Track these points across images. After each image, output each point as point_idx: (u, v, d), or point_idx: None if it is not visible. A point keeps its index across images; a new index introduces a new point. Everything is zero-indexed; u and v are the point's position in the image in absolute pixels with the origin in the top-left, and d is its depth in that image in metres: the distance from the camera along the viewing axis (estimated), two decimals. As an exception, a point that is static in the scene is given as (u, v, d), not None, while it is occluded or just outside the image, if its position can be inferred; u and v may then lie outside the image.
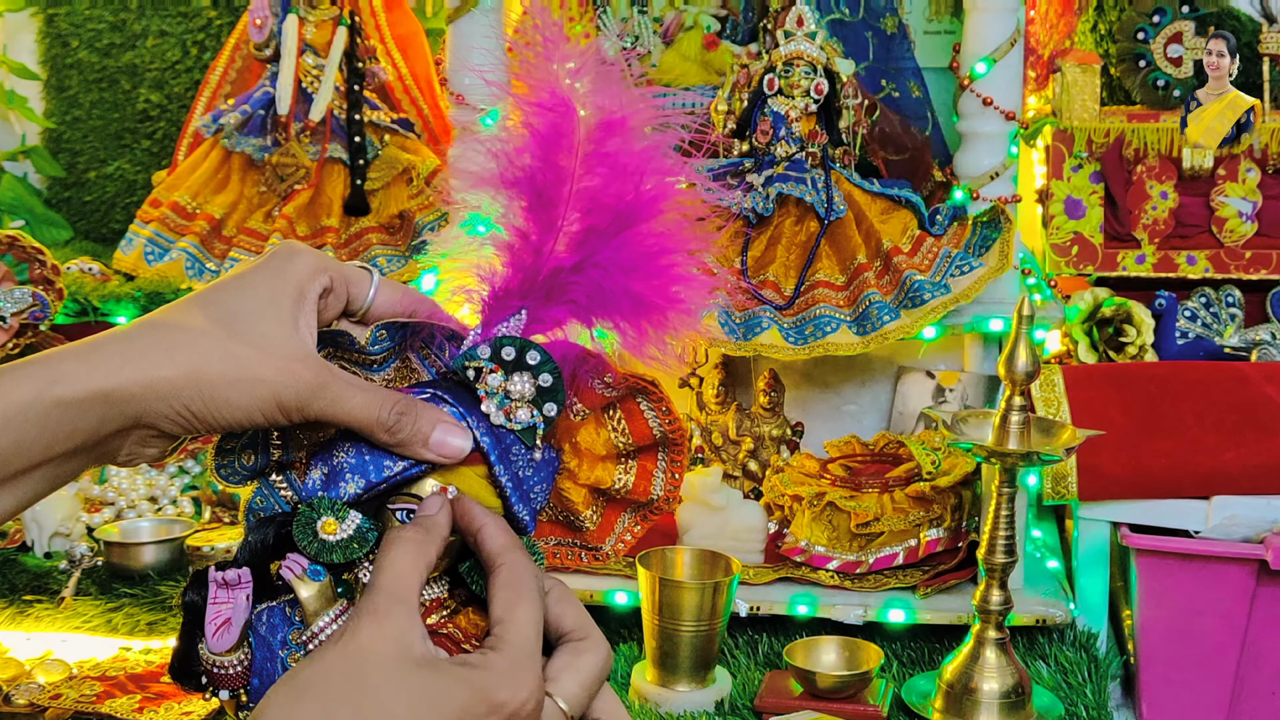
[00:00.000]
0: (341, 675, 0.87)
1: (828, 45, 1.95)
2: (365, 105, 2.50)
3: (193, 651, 1.07)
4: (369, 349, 1.01)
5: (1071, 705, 1.67)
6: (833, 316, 1.86)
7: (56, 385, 0.87)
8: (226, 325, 0.92)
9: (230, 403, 0.91)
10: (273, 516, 1.07)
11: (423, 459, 0.99)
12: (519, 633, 0.91)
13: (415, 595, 0.92)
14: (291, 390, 0.92)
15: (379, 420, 0.95)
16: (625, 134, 0.96)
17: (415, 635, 0.90)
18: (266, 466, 1.05)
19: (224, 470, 1.04)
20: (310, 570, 1.05)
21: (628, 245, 0.96)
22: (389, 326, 1.02)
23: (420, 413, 0.97)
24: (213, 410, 0.91)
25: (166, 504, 2.21)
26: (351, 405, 0.95)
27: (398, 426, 0.96)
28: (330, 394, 0.94)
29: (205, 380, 0.90)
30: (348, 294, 1.01)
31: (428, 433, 0.97)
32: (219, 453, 1.03)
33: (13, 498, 0.89)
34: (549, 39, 0.95)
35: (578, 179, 0.97)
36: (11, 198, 2.89)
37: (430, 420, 0.97)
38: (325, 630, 1.04)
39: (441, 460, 1.00)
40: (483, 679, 0.88)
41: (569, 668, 0.93)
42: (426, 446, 0.97)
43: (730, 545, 1.82)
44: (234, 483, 1.05)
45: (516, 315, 1.02)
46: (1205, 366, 1.89)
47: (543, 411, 1.03)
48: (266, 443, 1.04)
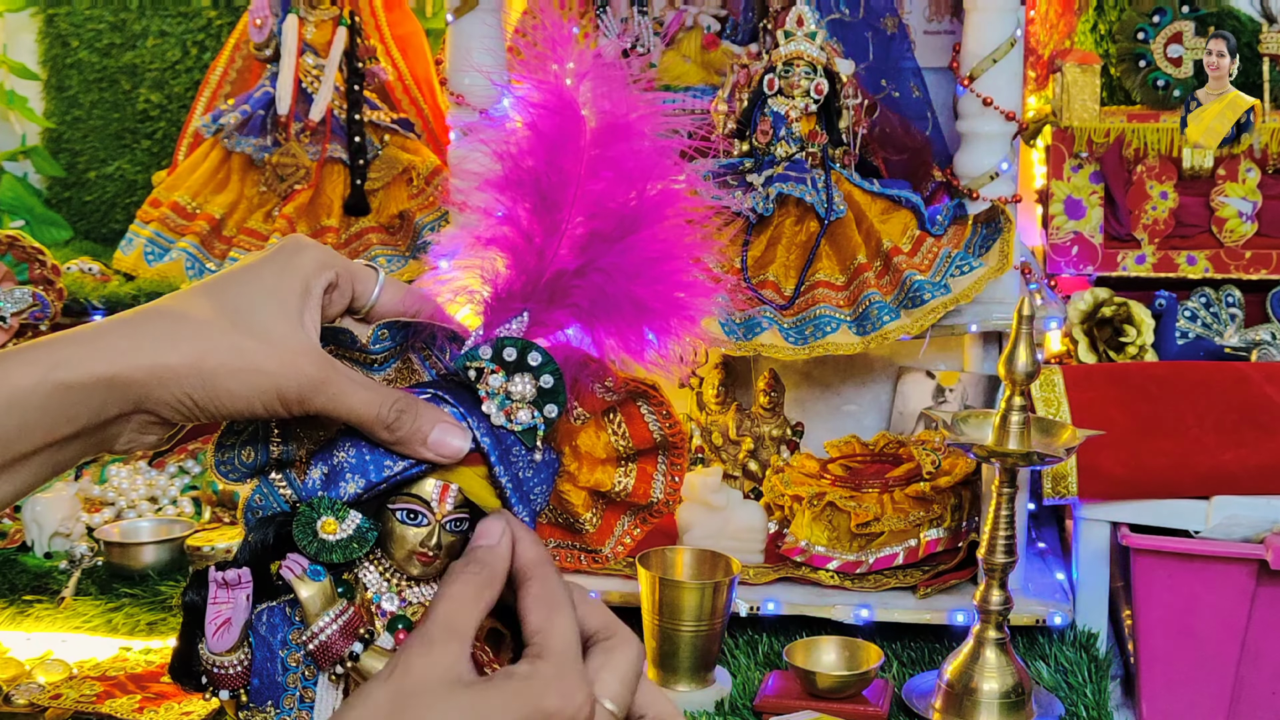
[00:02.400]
0: (391, 703, 0.87)
1: (828, 45, 1.95)
2: (365, 105, 2.50)
3: (193, 651, 1.07)
4: (371, 348, 1.02)
5: (1071, 705, 1.67)
6: (833, 316, 1.87)
7: (59, 369, 0.87)
8: (231, 316, 0.92)
9: (232, 393, 0.92)
10: (272, 516, 1.07)
11: (421, 458, 0.99)
12: (561, 640, 0.90)
13: (471, 631, 0.91)
14: (293, 383, 0.93)
15: (379, 417, 0.95)
16: (630, 138, 0.96)
17: (465, 665, 0.90)
18: (266, 464, 1.05)
19: (223, 467, 1.04)
20: (310, 570, 1.05)
21: (631, 250, 0.96)
22: (391, 326, 1.02)
23: (420, 411, 0.97)
24: (214, 399, 0.92)
25: (166, 504, 2.21)
26: (353, 401, 0.95)
27: (398, 424, 0.96)
28: (332, 389, 0.94)
29: (208, 369, 0.90)
30: (353, 291, 1.01)
31: (427, 431, 0.97)
32: (219, 448, 1.03)
33: (12, 483, 0.90)
34: (553, 39, 0.95)
35: (582, 182, 0.97)
36: (11, 198, 2.89)
37: (430, 419, 0.97)
38: (325, 630, 1.04)
39: (440, 460, 1.00)
40: (533, 689, 0.87)
41: (605, 666, 0.93)
42: (425, 445, 0.97)
43: (730, 545, 1.82)
44: (233, 480, 1.05)
45: (519, 317, 1.02)
46: (1205, 366, 1.89)
47: (544, 413, 1.03)
48: (267, 439, 1.04)
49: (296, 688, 1.08)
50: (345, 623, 1.05)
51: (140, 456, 2.30)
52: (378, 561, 1.10)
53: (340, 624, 1.04)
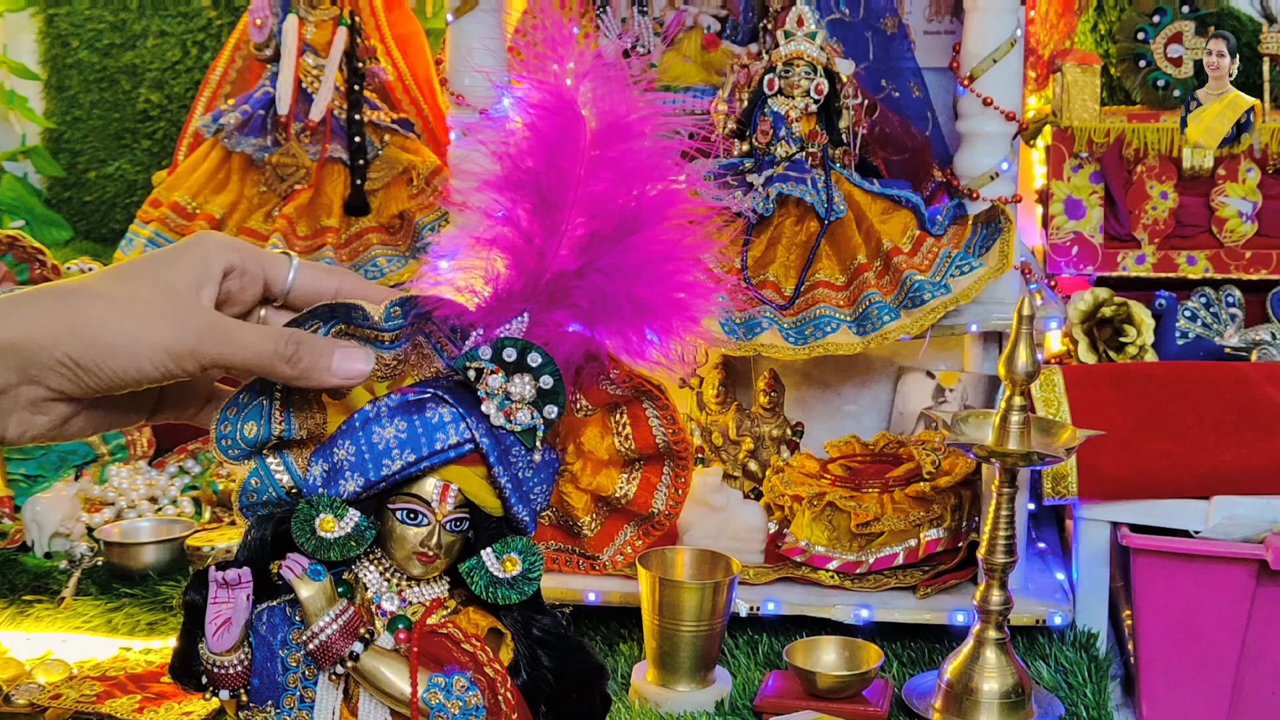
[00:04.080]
0: None
1: (828, 45, 1.95)
2: (365, 105, 2.50)
3: (193, 651, 1.07)
4: (382, 325, 1.01)
5: (1072, 705, 1.67)
6: (833, 316, 1.87)
7: None
8: (117, 283, 0.92)
9: (114, 349, 0.90)
10: (271, 515, 1.07)
11: (326, 384, 0.98)
12: None
13: None
14: (180, 333, 0.91)
15: (277, 352, 0.94)
16: (631, 138, 0.96)
17: None
18: (268, 440, 1.05)
19: (224, 442, 1.04)
20: (310, 570, 1.05)
21: (631, 251, 0.96)
22: (403, 303, 1.02)
23: (317, 341, 0.96)
24: (95, 358, 0.90)
25: (166, 504, 2.21)
26: (246, 340, 0.94)
27: (297, 356, 0.95)
28: (221, 332, 0.93)
29: (86, 328, 0.89)
30: (265, 275, 1.00)
31: (328, 360, 0.96)
32: (221, 421, 1.03)
33: None
34: (553, 39, 0.95)
35: (582, 183, 0.97)
36: (11, 198, 2.90)
37: (328, 347, 0.96)
38: (325, 630, 1.04)
39: (345, 384, 0.99)
40: None
41: None
42: (331, 373, 0.96)
43: (730, 545, 1.82)
44: (233, 458, 1.05)
45: (519, 318, 1.02)
46: (1205, 366, 1.89)
47: (543, 413, 1.03)
48: (270, 415, 1.04)
49: (297, 687, 1.08)
50: (345, 623, 1.05)
51: (140, 456, 2.30)
52: (378, 561, 1.10)
53: (340, 624, 1.05)
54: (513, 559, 1.07)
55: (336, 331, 1.00)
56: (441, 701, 1.04)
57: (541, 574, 1.09)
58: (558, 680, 1.11)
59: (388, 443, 1.03)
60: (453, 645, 1.07)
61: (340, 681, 1.07)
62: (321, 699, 1.07)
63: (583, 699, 1.13)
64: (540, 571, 1.09)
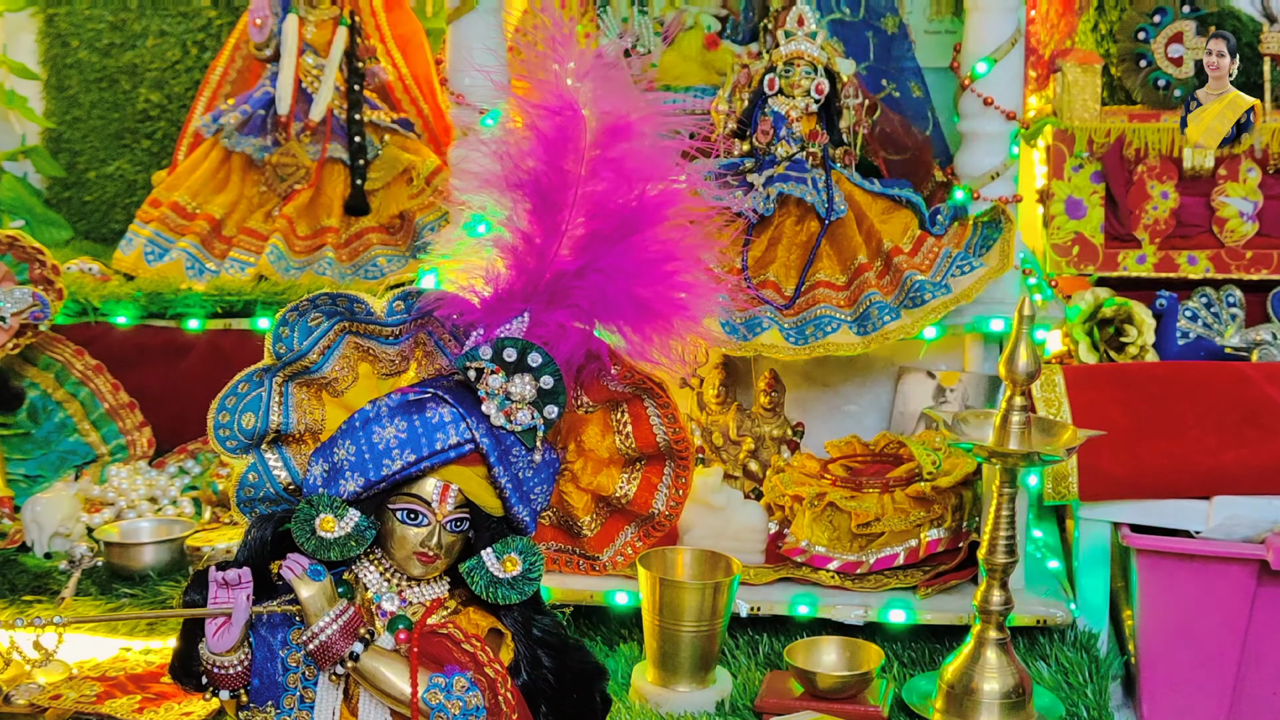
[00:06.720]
0: None
1: (828, 45, 1.95)
2: (365, 105, 2.50)
3: (193, 651, 1.07)
4: (385, 320, 1.01)
5: (1072, 705, 1.67)
6: (833, 316, 1.87)
7: None
8: None
9: None
10: (271, 515, 1.07)
11: None
12: None
13: None
14: None
15: None
16: (631, 139, 0.96)
17: None
18: (265, 431, 1.05)
19: (222, 432, 1.04)
20: (311, 570, 1.05)
21: (632, 251, 0.96)
22: (405, 297, 1.02)
23: None
24: None
25: (166, 504, 2.20)
26: None
27: None
28: None
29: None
30: None
31: None
32: (219, 411, 1.03)
33: None
34: (554, 39, 0.95)
35: (583, 183, 0.97)
36: (11, 198, 2.89)
37: None
38: (325, 630, 1.04)
39: None
40: None
41: None
42: None
43: (731, 545, 1.82)
44: (231, 450, 1.05)
45: (519, 318, 1.02)
46: (1206, 366, 1.89)
47: (543, 413, 1.03)
48: (268, 406, 1.04)
49: (297, 688, 1.08)
50: (345, 623, 1.05)
51: (140, 456, 2.30)
52: (378, 561, 1.10)
53: (340, 624, 1.04)
54: (513, 559, 1.07)
55: (339, 329, 1.00)
56: (442, 702, 1.04)
57: (542, 574, 1.09)
58: (558, 680, 1.11)
59: (388, 443, 1.03)
60: (453, 645, 1.07)
61: (340, 682, 1.07)
62: (321, 699, 1.07)
63: (583, 699, 1.13)
64: (541, 572, 1.09)
